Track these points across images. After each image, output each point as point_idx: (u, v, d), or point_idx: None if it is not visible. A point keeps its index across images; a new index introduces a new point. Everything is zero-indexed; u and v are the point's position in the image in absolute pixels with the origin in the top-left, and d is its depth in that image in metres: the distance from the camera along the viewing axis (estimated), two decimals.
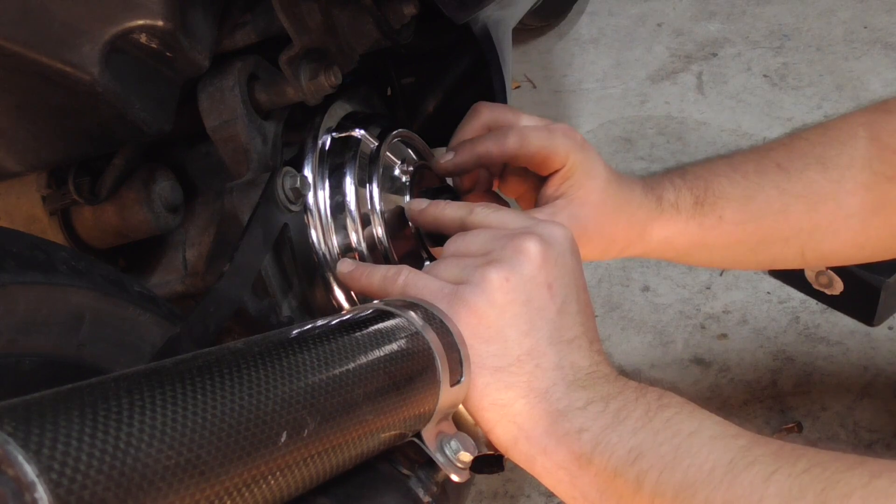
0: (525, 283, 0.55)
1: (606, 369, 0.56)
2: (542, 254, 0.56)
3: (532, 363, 0.54)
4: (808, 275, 1.22)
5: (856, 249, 0.80)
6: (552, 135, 0.73)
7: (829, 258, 0.83)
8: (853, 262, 0.83)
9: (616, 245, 0.77)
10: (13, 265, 0.47)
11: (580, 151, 0.73)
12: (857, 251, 0.80)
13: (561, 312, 0.56)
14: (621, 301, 1.31)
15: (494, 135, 0.73)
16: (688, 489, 0.49)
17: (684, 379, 1.19)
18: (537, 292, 0.56)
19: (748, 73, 1.73)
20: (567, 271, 0.58)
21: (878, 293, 1.16)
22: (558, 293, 0.56)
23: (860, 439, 1.06)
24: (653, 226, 0.77)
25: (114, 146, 0.64)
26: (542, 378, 0.54)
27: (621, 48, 1.90)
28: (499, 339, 0.54)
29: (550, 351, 0.55)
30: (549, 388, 0.54)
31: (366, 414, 0.46)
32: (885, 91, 1.62)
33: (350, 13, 0.69)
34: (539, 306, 0.56)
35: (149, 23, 0.54)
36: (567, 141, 0.73)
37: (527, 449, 0.55)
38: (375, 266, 0.62)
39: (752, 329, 1.23)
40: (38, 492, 0.29)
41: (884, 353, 1.15)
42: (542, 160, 0.73)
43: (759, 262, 0.84)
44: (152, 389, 0.36)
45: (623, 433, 0.52)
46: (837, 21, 1.81)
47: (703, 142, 1.59)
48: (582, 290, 0.59)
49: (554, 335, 0.55)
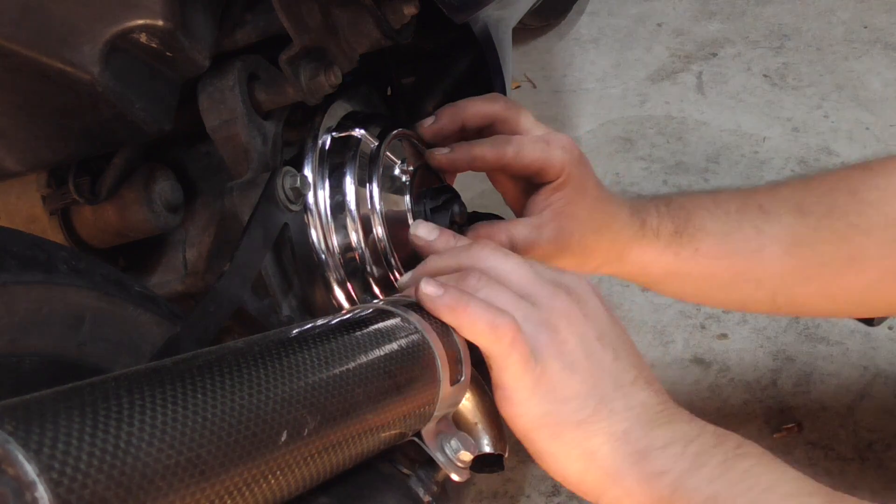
0: (582, 342, 0.57)
1: (673, 406, 0.58)
2: (581, 311, 0.58)
3: (606, 409, 0.56)
4: None
5: (827, 301, 0.81)
6: (549, 147, 0.73)
7: (800, 306, 0.85)
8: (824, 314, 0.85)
9: (594, 261, 0.79)
10: (13, 265, 0.47)
11: (576, 166, 0.74)
12: (828, 302, 0.82)
13: (616, 359, 0.58)
14: (621, 301, 1.31)
15: (492, 142, 0.73)
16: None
17: (684, 379, 1.19)
18: (592, 347, 0.57)
19: (748, 73, 1.73)
20: (607, 320, 0.60)
21: None
22: (608, 342, 0.58)
23: (860, 439, 1.06)
24: (632, 248, 0.79)
25: (114, 146, 0.64)
26: (618, 422, 0.56)
27: (621, 48, 1.90)
28: (574, 398, 0.56)
29: (618, 395, 0.57)
30: (628, 430, 0.56)
31: (366, 413, 0.46)
32: (885, 91, 1.62)
33: (350, 13, 0.69)
34: (597, 359, 0.57)
35: (149, 22, 0.54)
36: (564, 154, 0.73)
37: (614, 492, 0.56)
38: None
39: (752, 329, 1.23)
40: (38, 491, 0.29)
41: (884, 353, 1.15)
42: (536, 171, 0.74)
43: (731, 301, 0.86)
44: (152, 389, 0.36)
45: (700, 480, 0.53)
46: (837, 21, 1.81)
47: (703, 142, 1.59)
48: (624, 334, 0.61)
49: (617, 381, 0.57)
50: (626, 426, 0.56)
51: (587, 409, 0.56)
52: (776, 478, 0.54)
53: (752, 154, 1.54)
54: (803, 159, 1.51)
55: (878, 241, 0.76)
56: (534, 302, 0.58)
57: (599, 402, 0.56)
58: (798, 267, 0.78)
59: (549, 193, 0.74)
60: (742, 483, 0.53)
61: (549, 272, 0.60)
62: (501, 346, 0.54)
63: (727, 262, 0.79)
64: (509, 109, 0.76)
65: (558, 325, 0.57)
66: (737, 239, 0.78)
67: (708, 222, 0.79)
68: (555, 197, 0.74)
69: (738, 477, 0.53)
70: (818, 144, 1.53)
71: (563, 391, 0.56)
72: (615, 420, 0.56)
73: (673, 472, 0.54)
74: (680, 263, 0.79)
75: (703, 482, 0.53)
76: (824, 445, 1.06)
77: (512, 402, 0.55)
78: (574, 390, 0.56)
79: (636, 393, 0.57)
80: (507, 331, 0.54)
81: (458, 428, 0.57)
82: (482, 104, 0.76)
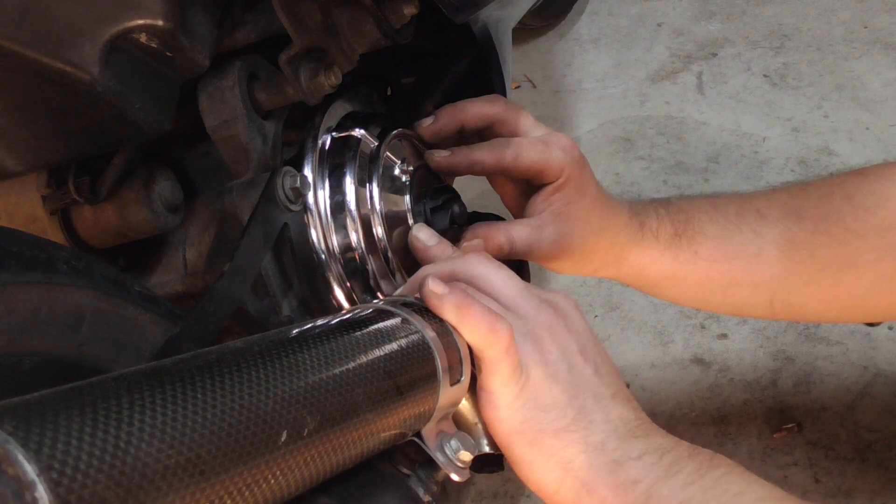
0: (564, 354, 0.59)
1: (649, 423, 0.59)
2: (564, 325, 0.60)
3: (585, 420, 0.57)
4: None
5: (823, 305, 0.82)
6: (548, 149, 0.73)
7: (797, 311, 0.85)
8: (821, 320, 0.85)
9: (592, 264, 0.79)
10: (14, 265, 0.47)
11: (576, 167, 0.74)
12: (825, 307, 0.82)
13: (597, 373, 0.60)
14: (621, 301, 1.31)
15: (490, 146, 0.74)
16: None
17: (684, 379, 1.19)
18: (574, 360, 0.59)
19: (748, 73, 1.73)
20: (589, 337, 0.62)
21: None
22: (590, 357, 0.60)
23: (860, 439, 1.06)
24: (631, 250, 0.79)
25: (114, 146, 0.64)
26: (596, 432, 0.57)
27: (621, 48, 1.90)
28: (555, 407, 0.57)
29: (597, 408, 0.58)
30: (604, 441, 0.57)
31: (366, 413, 0.46)
32: (885, 91, 1.62)
33: (350, 13, 0.69)
34: (578, 372, 0.59)
35: (149, 22, 0.54)
36: (563, 156, 0.74)
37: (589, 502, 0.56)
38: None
39: (751, 329, 1.23)
40: (38, 491, 0.29)
41: (884, 353, 1.15)
42: (536, 173, 0.74)
43: (728, 306, 0.86)
44: (152, 389, 0.36)
45: (674, 487, 0.54)
46: (837, 21, 1.81)
47: (703, 142, 1.59)
48: (604, 352, 0.62)
49: (597, 394, 0.59)
50: (603, 437, 0.57)
51: (566, 419, 0.57)
52: (748, 485, 0.54)
53: (752, 154, 1.54)
54: (803, 159, 1.51)
55: (873, 246, 0.76)
56: (519, 314, 0.59)
57: (578, 412, 0.57)
58: (795, 271, 0.79)
59: (549, 194, 0.74)
60: (715, 488, 0.54)
61: (533, 288, 0.62)
62: (497, 350, 0.55)
63: (725, 265, 0.79)
64: (509, 110, 0.76)
65: (542, 337, 0.58)
66: (735, 243, 0.79)
67: (707, 226, 0.79)
68: (555, 198, 0.74)
69: (711, 483, 0.54)
70: (818, 144, 1.53)
71: (545, 400, 0.57)
72: (593, 431, 0.57)
73: (647, 481, 0.55)
74: (678, 266, 0.79)
75: (677, 488, 0.54)
76: (824, 445, 1.06)
77: (495, 406, 0.56)
78: (555, 399, 0.57)
79: (615, 407, 0.58)
80: (505, 336, 0.55)
81: (458, 428, 0.57)
82: (481, 105, 0.76)
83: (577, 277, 1.35)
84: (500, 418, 0.56)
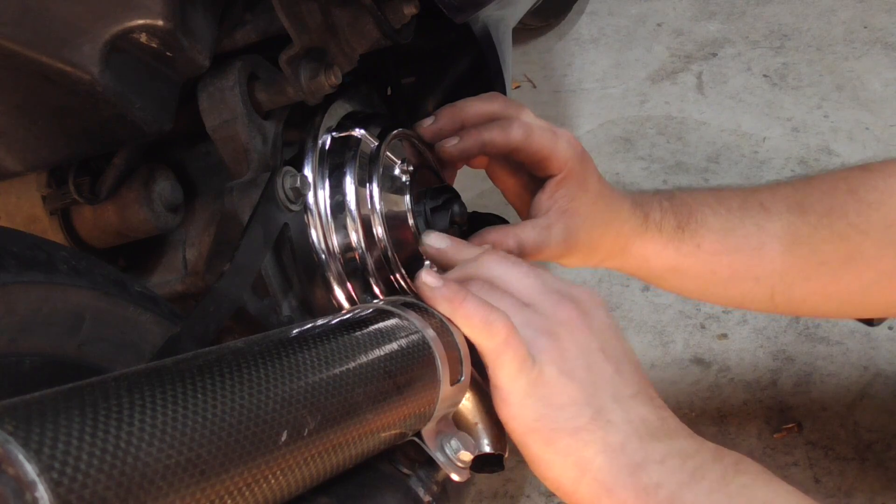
0: (583, 351, 0.57)
1: (674, 423, 0.58)
2: (585, 322, 0.59)
3: (603, 420, 0.56)
4: None
5: (825, 300, 0.82)
6: (556, 138, 0.73)
7: (797, 305, 0.85)
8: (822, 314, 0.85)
9: (597, 255, 0.79)
10: (14, 265, 0.47)
11: (578, 161, 0.74)
12: (826, 302, 0.82)
13: (618, 372, 0.58)
14: (621, 301, 1.31)
15: (499, 124, 0.73)
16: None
17: (684, 379, 1.19)
18: (594, 357, 0.58)
19: (748, 73, 1.73)
20: (612, 335, 0.60)
21: None
22: (611, 355, 0.59)
23: (860, 439, 1.06)
24: (634, 242, 0.79)
25: (114, 146, 0.64)
26: (615, 432, 0.56)
27: (621, 48, 1.90)
28: (570, 405, 0.56)
29: (616, 407, 0.57)
30: (624, 442, 0.55)
31: (366, 413, 0.46)
32: (885, 91, 1.62)
33: (350, 13, 0.69)
34: (598, 370, 0.57)
35: (149, 22, 0.54)
36: (569, 148, 0.74)
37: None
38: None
39: (752, 329, 1.23)
40: (38, 491, 0.29)
41: (884, 353, 1.15)
42: (542, 160, 0.73)
43: (729, 298, 0.86)
44: (153, 389, 0.36)
45: (698, 493, 0.53)
46: (837, 21, 1.81)
47: (703, 142, 1.59)
48: (629, 349, 0.61)
49: (617, 393, 0.57)
50: (623, 438, 0.55)
51: (583, 418, 0.56)
52: (774, 493, 0.54)
53: (752, 154, 1.54)
54: (803, 159, 1.51)
55: (876, 242, 0.76)
56: (537, 310, 0.58)
57: (597, 412, 0.56)
58: (797, 265, 0.79)
59: (553, 191, 0.74)
60: (740, 497, 0.53)
61: (557, 283, 0.61)
62: (495, 342, 0.54)
63: (728, 258, 0.79)
64: (509, 107, 0.76)
65: (559, 333, 0.57)
66: (738, 236, 0.79)
67: (710, 218, 0.79)
68: (559, 194, 0.74)
69: (736, 491, 0.53)
70: (818, 144, 1.53)
71: (559, 397, 0.56)
72: (612, 431, 0.56)
73: (669, 486, 0.54)
74: (681, 258, 0.79)
75: (701, 495, 0.53)
76: (824, 445, 1.06)
77: (507, 403, 0.55)
78: (570, 397, 0.56)
79: (636, 407, 0.57)
80: (501, 328, 0.54)
81: (458, 428, 0.57)
82: (481, 103, 0.76)
83: (577, 276, 1.35)
84: (512, 415, 0.55)
